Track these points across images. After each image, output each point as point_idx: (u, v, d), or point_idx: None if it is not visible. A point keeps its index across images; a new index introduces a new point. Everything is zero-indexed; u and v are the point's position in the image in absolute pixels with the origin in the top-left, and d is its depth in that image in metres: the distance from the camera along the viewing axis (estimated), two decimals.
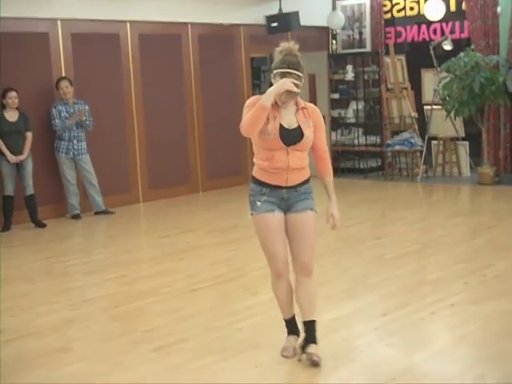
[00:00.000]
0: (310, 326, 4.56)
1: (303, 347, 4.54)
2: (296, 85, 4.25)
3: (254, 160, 4.54)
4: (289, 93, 4.27)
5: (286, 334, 4.74)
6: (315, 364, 4.40)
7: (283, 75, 4.27)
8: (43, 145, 9.85)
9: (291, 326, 4.74)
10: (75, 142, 9.80)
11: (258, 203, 4.44)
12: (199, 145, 11.80)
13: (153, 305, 5.90)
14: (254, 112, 4.26)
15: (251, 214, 4.51)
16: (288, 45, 4.39)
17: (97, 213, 10.09)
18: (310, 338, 4.54)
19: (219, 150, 12.07)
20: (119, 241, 8.54)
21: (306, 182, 4.52)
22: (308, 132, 4.40)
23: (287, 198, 4.45)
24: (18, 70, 9.63)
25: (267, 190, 4.42)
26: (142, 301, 6.00)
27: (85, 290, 6.56)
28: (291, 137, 4.35)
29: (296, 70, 4.28)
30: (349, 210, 9.74)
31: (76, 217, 9.89)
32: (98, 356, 4.82)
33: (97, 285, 6.69)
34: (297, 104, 4.45)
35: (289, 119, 4.39)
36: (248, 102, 4.47)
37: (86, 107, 9.87)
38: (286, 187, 4.42)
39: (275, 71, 4.36)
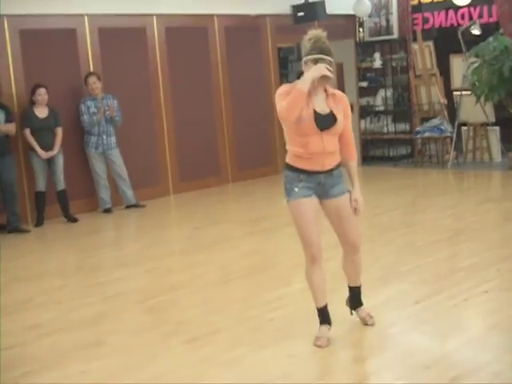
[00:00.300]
0: (356, 290, 4.98)
1: (351, 307, 4.99)
2: (329, 70, 4.33)
3: (288, 147, 4.60)
4: (323, 78, 4.35)
5: (319, 324, 4.73)
6: (371, 324, 4.86)
7: (316, 61, 4.36)
8: (73, 140, 9.92)
9: (324, 315, 4.74)
10: (104, 136, 9.86)
11: (296, 189, 4.53)
12: (228, 136, 11.81)
13: (185, 296, 5.93)
14: (293, 98, 4.33)
15: (287, 201, 4.59)
16: (316, 32, 4.49)
17: (128, 206, 10.14)
18: (359, 302, 4.97)
19: (248, 141, 12.07)
20: (150, 233, 8.58)
21: (339, 165, 4.62)
22: (340, 116, 4.51)
23: (324, 182, 4.54)
24: (47, 66, 9.72)
25: (304, 175, 4.50)
26: (174, 293, 6.03)
27: (117, 283, 6.60)
28: (325, 122, 4.45)
29: (327, 55, 4.38)
30: (379, 198, 9.72)
31: (107, 211, 9.96)
32: (131, 349, 4.85)
33: (129, 278, 6.73)
34: (326, 90, 4.54)
35: (321, 105, 4.48)
36: (281, 90, 4.54)
37: (115, 102, 9.91)
38: (324, 171, 4.51)
39: (307, 58, 4.43)
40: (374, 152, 13.09)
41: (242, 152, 12.00)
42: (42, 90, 9.31)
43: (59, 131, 9.48)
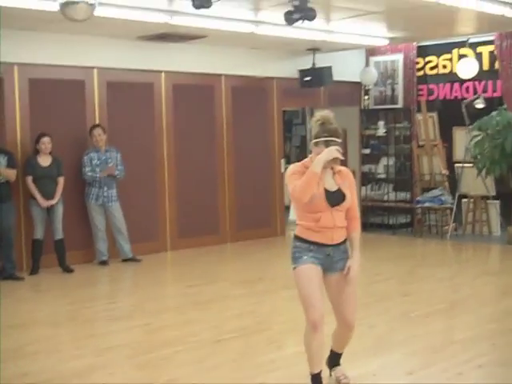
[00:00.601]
0: (337, 355, 5.12)
1: (330, 366, 5.12)
2: (339, 152, 4.54)
3: (298, 222, 4.77)
4: (334, 159, 4.54)
5: None
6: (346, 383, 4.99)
7: (327, 143, 4.55)
8: (74, 190, 9.94)
9: (317, 382, 4.70)
10: (105, 188, 9.88)
11: (305, 257, 4.68)
12: (229, 195, 11.84)
13: (177, 354, 5.85)
14: (307, 178, 4.52)
15: (294, 268, 4.72)
16: (324, 113, 4.71)
17: (124, 260, 10.11)
18: (337, 363, 5.11)
19: (249, 202, 12.09)
20: (145, 288, 8.53)
21: (346, 240, 4.80)
22: (348, 193, 4.73)
23: (332, 255, 4.70)
24: (54, 115, 9.82)
25: (314, 247, 4.66)
26: (166, 350, 5.96)
27: (109, 336, 6.54)
28: (335, 198, 4.66)
29: (337, 137, 4.59)
30: (377, 266, 9.70)
31: (103, 263, 9.93)
32: None
33: (122, 332, 6.67)
34: (332, 168, 4.72)
35: (329, 182, 4.71)
36: (291, 170, 4.71)
37: (118, 155, 9.97)
38: (332, 245, 4.67)
39: (318, 140, 4.62)
40: (373, 219, 13.10)
41: (242, 212, 12.01)
42: (46, 139, 9.36)
43: (61, 180, 9.51)
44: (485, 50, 12.11)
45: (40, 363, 5.71)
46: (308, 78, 11.87)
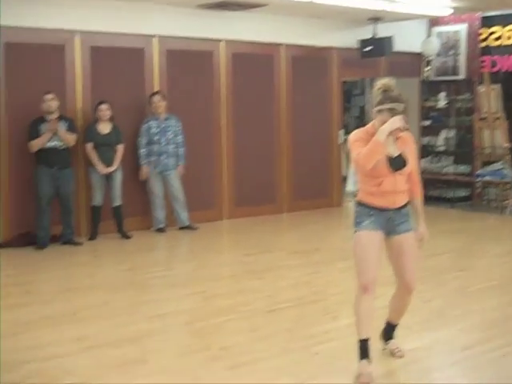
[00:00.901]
0: (393, 326, 5.14)
1: (384, 339, 5.14)
2: (404, 120, 4.58)
3: (360, 186, 4.83)
4: (398, 128, 4.56)
5: (359, 359, 4.67)
6: (399, 356, 5.00)
7: (391, 111, 4.54)
8: (133, 157, 10.01)
9: (365, 348, 4.68)
10: (164, 156, 9.94)
11: (366, 222, 4.73)
12: (287, 165, 11.81)
13: (230, 322, 5.89)
14: (371, 147, 4.55)
15: (355, 232, 4.78)
16: (385, 81, 4.69)
17: (181, 228, 10.18)
18: (391, 335, 5.13)
19: (306, 172, 12.05)
20: (201, 256, 8.60)
21: (407, 203, 4.82)
22: (410, 158, 4.76)
23: (393, 218, 4.74)
24: (114, 83, 9.87)
25: (375, 211, 4.72)
26: (220, 318, 6.00)
27: (164, 303, 6.62)
28: (396, 164, 4.68)
29: (401, 103, 4.58)
30: (433, 240, 9.41)
31: (161, 230, 10.02)
32: (173, 370, 4.84)
33: (176, 299, 6.74)
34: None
35: (391, 148, 4.69)
36: (355, 137, 4.74)
37: (179, 124, 10.00)
38: (394, 209, 4.72)
39: (380, 107, 4.60)
40: (432, 192, 12.91)
41: (299, 182, 11.97)
42: (104, 106, 9.41)
43: (120, 148, 9.56)
44: None
45: (95, 327, 5.80)
46: (368, 48, 11.71)
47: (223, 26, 10.71)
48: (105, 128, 9.47)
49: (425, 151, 13.05)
